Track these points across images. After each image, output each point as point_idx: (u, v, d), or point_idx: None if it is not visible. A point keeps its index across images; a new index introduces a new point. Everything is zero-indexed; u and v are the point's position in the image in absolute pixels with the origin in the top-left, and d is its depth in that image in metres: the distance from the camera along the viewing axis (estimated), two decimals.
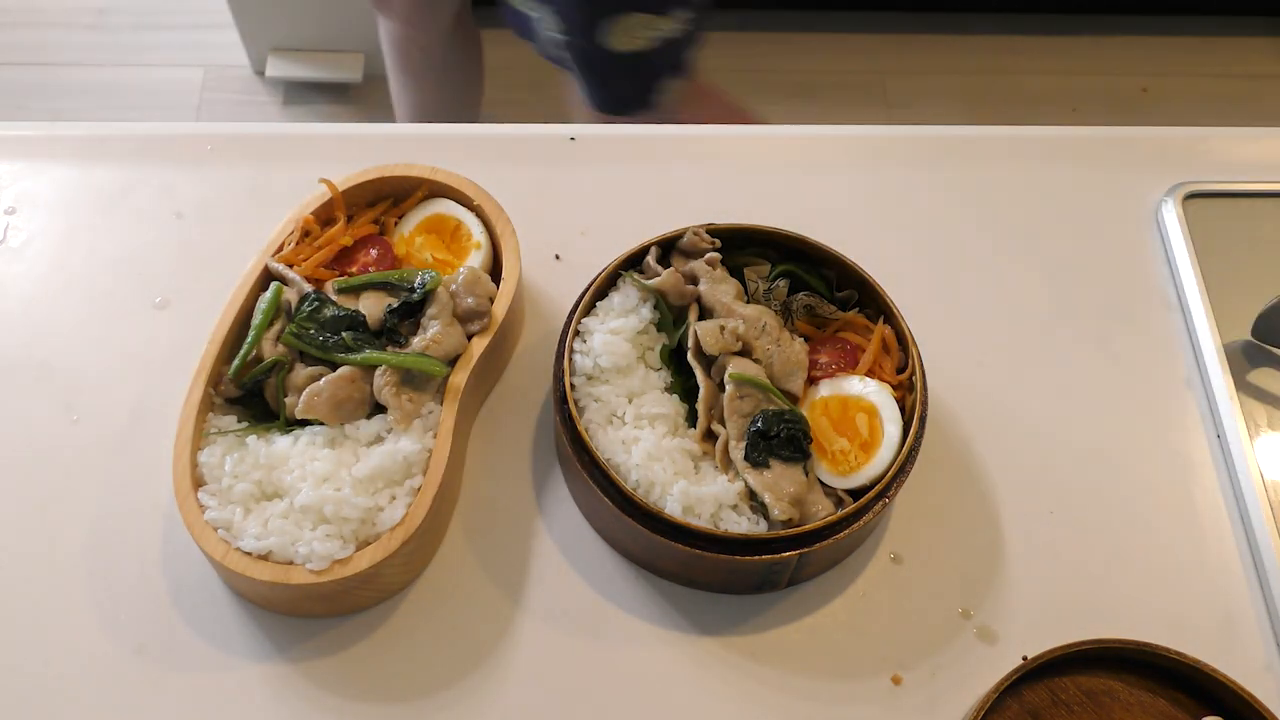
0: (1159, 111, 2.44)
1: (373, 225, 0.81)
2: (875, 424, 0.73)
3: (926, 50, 2.54)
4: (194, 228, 0.88)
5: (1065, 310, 0.88)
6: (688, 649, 0.73)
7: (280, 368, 0.73)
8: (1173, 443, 0.82)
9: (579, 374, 0.75)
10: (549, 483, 0.78)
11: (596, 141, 0.94)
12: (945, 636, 0.74)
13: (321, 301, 0.74)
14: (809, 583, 0.75)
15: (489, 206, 0.80)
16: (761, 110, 1.53)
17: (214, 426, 0.72)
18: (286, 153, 0.92)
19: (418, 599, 0.74)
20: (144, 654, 0.71)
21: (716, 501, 0.71)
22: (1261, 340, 0.85)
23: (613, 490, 0.70)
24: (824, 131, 0.99)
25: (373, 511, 0.69)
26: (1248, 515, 0.78)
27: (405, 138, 0.95)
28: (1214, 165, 0.97)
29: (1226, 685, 0.67)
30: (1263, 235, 0.92)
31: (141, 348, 0.82)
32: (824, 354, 0.77)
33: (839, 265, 0.79)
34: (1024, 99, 2.48)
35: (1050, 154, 0.97)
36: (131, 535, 0.74)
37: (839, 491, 0.73)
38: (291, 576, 0.67)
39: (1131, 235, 0.92)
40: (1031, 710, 0.69)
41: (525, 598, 0.74)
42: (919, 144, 0.98)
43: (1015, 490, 0.80)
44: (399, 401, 0.72)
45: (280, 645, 0.72)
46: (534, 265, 0.86)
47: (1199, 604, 0.76)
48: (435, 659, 0.72)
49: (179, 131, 0.93)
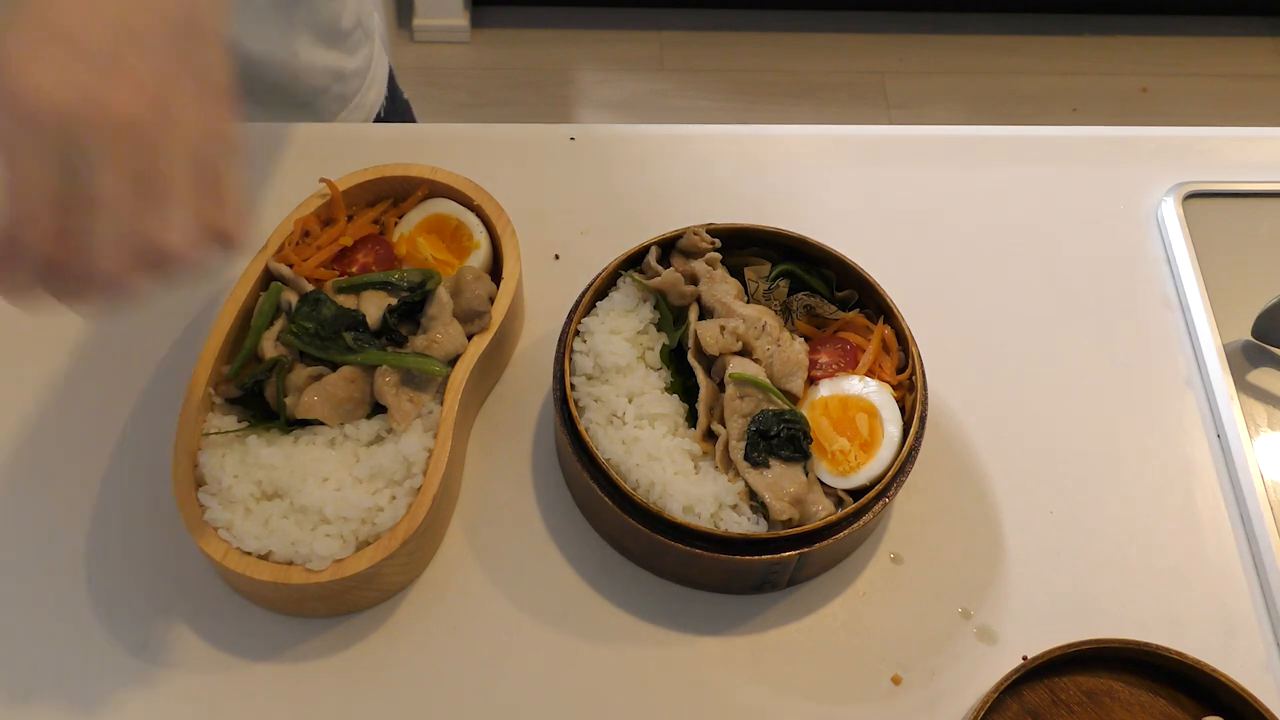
0: (1159, 111, 2.44)
1: (373, 225, 0.81)
2: (875, 424, 0.73)
3: (926, 50, 2.54)
4: None
5: (1065, 310, 0.88)
6: (688, 649, 0.73)
7: (280, 368, 0.73)
8: (1173, 443, 0.82)
9: (579, 374, 0.75)
10: (549, 483, 0.78)
11: (596, 141, 0.94)
12: (945, 636, 0.74)
13: (321, 301, 0.74)
14: (809, 583, 0.75)
15: (489, 206, 0.80)
16: (761, 110, 1.53)
17: (214, 426, 0.72)
18: (286, 153, 0.92)
19: (418, 599, 0.74)
20: (144, 654, 0.71)
21: (716, 501, 0.71)
22: (1261, 340, 0.85)
23: (613, 490, 0.70)
24: (824, 131, 0.99)
25: (373, 511, 0.69)
26: (1248, 515, 0.79)
27: (405, 138, 0.95)
28: (1214, 165, 0.97)
29: (1226, 685, 0.67)
30: (1263, 235, 0.92)
31: (141, 348, 0.82)
32: (824, 354, 0.77)
33: (839, 265, 0.79)
34: (1024, 99, 2.48)
35: (1050, 154, 0.97)
36: (131, 535, 0.74)
37: (839, 491, 0.73)
38: (291, 576, 0.67)
39: (1131, 235, 0.93)
40: (1031, 710, 0.69)
41: (525, 598, 0.74)
42: (919, 144, 0.98)
43: (1015, 490, 0.80)
44: (399, 401, 0.72)
45: (280, 645, 0.72)
46: (534, 265, 0.86)
47: (1199, 604, 0.76)
48: (435, 659, 0.72)
49: None
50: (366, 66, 1.08)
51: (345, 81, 1.05)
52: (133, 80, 0.49)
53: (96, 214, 0.49)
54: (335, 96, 1.04)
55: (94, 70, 0.48)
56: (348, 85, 1.06)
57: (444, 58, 2.44)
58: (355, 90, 1.07)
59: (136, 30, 0.50)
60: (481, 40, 2.48)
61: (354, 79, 1.06)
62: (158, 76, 0.50)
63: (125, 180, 0.49)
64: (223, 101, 0.54)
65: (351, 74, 1.05)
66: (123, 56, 0.49)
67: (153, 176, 0.50)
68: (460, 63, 2.45)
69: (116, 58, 0.49)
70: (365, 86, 1.08)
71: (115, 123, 0.48)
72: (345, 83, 1.05)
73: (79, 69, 0.48)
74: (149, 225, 0.50)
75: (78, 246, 0.49)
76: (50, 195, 0.48)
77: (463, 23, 2.46)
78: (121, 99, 0.48)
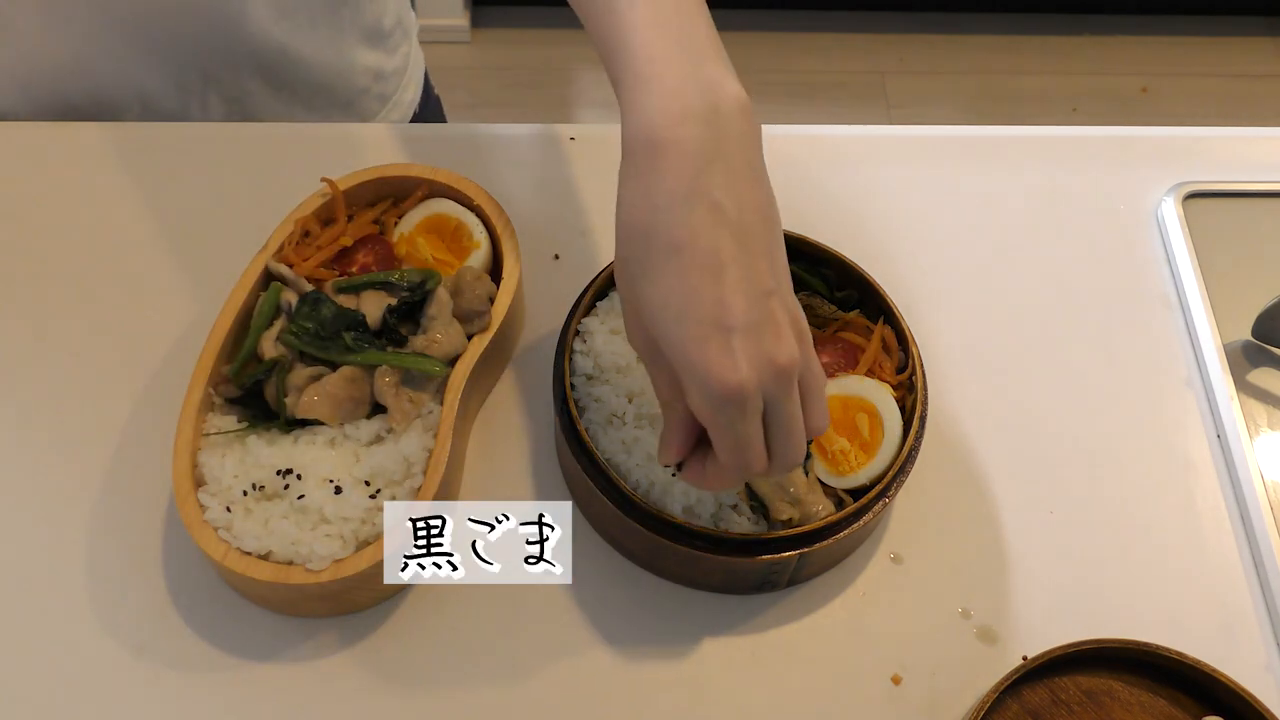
0: (1159, 111, 2.44)
1: (373, 225, 0.81)
2: (875, 424, 0.73)
3: (926, 50, 2.54)
4: (193, 227, 0.87)
5: (1065, 310, 0.88)
6: (688, 649, 0.73)
7: (280, 368, 0.72)
8: (1173, 443, 0.82)
9: (579, 374, 0.75)
10: (549, 483, 0.78)
11: (596, 141, 0.94)
12: (945, 636, 0.74)
13: (321, 301, 0.74)
14: (809, 583, 0.75)
15: (489, 206, 0.80)
16: (761, 110, 1.53)
17: (214, 426, 0.72)
18: (286, 153, 0.92)
19: (418, 599, 0.74)
20: (144, 654, 0.71)
21: (716, 501, 0.71)
22: (1261, 340, 0.85)
23: (613, 490, 0.70)
24: (824, 131, 0.99)
25: (373, 512, 0.69)
26: (1248, 515, 0.79)
27: (405, 138, 0.95)
28: (1214, 165, 0.97)
29: (1226, 685, 0.67)
30: (1263, 235, 0.92)
31: (141, 348, 0.82)
32: (824, 354, 0.77)
33: (839, 265, 0.79)
34: (1024, 99, 2.48)
35: (1050, 154, 0.97)
36: (131, 535, 0.74)
37: (839, 491, 0.73)
38: (291, 576, 0.67)
39: (1131, 235, 0.92)
40: (1031, 710, 0.69)
41: (525, 597, 0.74)
42: (919, 144, 0.98)
43: (1015, 490, 0.80)
44: (399, 402, 0.72)
45: (280, 645, 0.72)
46: (534, 265, 0.86)
47: (1199, 604, 0.76)
48: (435, 659, 0.72)
49: (179, 131, 0.93)
50: (405, 65, 1.09)
51: (385, 81, 1.06)
52: (777, 326, 0.57)
53: (780, 430, 0.60)
54: (376, 96, 1.06)
55: (751, 338, 0.56)
56: (388, 85, 1.07)
57: (444, 58, 2.44)
58: (394, 89, 1.08)
59: (758, 262, 0.57)
60: (481, 40, 2.48)
61: (394, 78, 1.07)
62: (785, 303, 0.58)
63: (796, 402, 0.59)
64: (787, 268, 0.61)
65: (391, 73, 1.07)
66: (768, 309, 0.57)
67: (809, 379, 0.60)
68: (460, 63, 2.45)
69: (761, 315, 0.56)
70: (404, 85, 1.09)
71: (781, 372, 0.57)
72: (385, 82, 1.06)
73: (749, 346, 0.56)
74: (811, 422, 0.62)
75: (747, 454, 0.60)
76: (754, 450, 0.59)
77: (463, 23, 2.46)
78: (779, 353, 0.57)
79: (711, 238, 0.56)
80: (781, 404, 0.58)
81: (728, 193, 0.57)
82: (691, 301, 0.56)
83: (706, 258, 0.56)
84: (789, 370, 0.57)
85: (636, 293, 0.59)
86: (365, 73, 1.03)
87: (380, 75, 1.05)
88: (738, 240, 0.56)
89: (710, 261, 0.56)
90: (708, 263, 0.56)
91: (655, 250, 0.57)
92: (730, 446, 0.59)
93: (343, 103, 1.03)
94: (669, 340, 0.57)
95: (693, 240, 0.56)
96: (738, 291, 0.56)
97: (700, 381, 0.56)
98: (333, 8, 0.97)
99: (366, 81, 1.04)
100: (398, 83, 1.08)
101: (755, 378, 0.56)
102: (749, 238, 0.57)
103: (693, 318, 0.56)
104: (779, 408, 0.59)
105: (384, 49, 1.05)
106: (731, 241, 0.56)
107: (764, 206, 0.59)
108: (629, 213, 0.59)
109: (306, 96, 1.00)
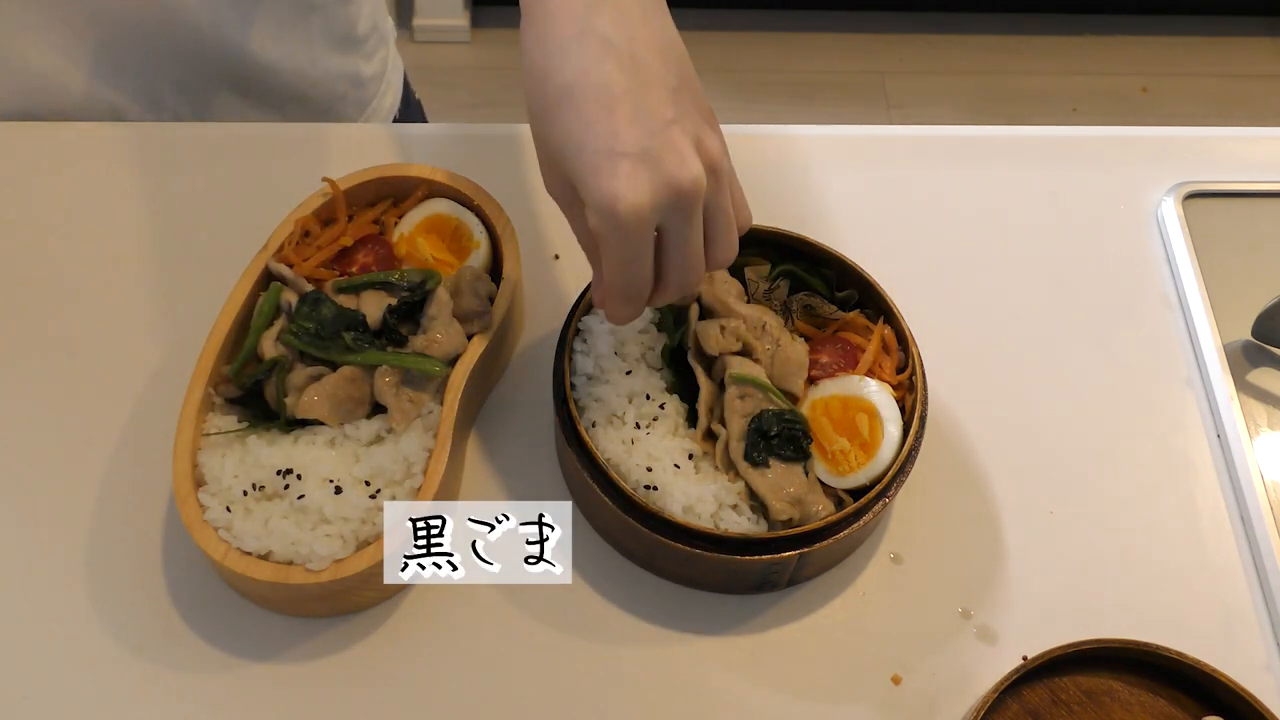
0: (1159, 111, 2.44)
1: (373, 225, 0.81)
2: (875, 424, 0.73)
3: (926, 50, 2.54)
4: (193, 227, 0.87)
5: (1065, 310, 0.88)
6: (688, 649, 0.73)
7: (280, 368, 0.72)
8: (1173, 443, 0.82)
9: (579, 374, 0.75)
10: (549, 483, 0.78)
11: None
12: (945, 636, 0.74)
13: (321, 301, 0.74)
14: (809, 583, 0.75)
15: (489, 206, 0.80)
16: (761, 110, 1.53)
17: (214, 426, 0.72)
18: (286, 153, 0.92)
19: (418, 599, 0.74)
20: (144, 654, 0.71)
21: (716, 501, 0.71)
22: (1261, 340, 0.85)
23: (613, 490, 0.70)
24: (824, 131, 0.99)
25: (373, 512, 0.69)
26: (1248, 515, 0.79)
27: (405, 138, 0.95)
28: (1214, 165, 0.97)
29: (1226, 685, 0.67)
30: (1263, 235, 0.92)
31: (141, 348, 0.82)
32: (824, 354, 0.77)
33: (839, 265, 0.79)
34: (1024, 99, 2.48)
35: (1050, 154, 0.97)
36: (131, 535, 0.74)
37: (839, 491, 0.73)
38: (291, 576, 0.67)
39: (1131, 235, 0.92)
40: (1031, 710, 0.69)
41: (525, 597, 0.74)
42: (919, 144, 0.98)
43: (1015, 490, 0.80)
44: (399, 402, 0.72)
45: (280, 645, 0.72)
46: (534, 265, 0.86)
47: (1199, 604, 0.76)
48: (435, 659, 0.72)
49: (180, 130, 0.93)
50: (383, 71, 1.08)
51: (363, 87, 1.05)
52: (677, 152, 0.58)
53: (676, 255, 0.61)
54: (353, 102, 1.05)
55: (648, 164, 0.57)
56: (365, 90, 1.06)
57: (444, 58, 2.45)
58: (373, 95, 1.07)
59: (655, 93, 0.59)
60: (481, 40, 2.48)
61: (371, 84, 1.07)
62: (687, 131, 0.59)
63: (697, 229, 0.61)
64: (710, 111, 0.62)
65: (369, 79, 1.06)
66: (666, 136, 0.58)
67: (716, 213, 0.62)
68: (460, 63, 2.45)
69: (659, 141, 0.58)
70: (382, 91, 1.08)
71: (679, 195, 0.58)
72: (363, 88, 1.05)
73: (643, 171, 0.57)
74: (713, 253, 0.64)
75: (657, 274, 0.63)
76: (634, 272, 0.61)
77: (463, 23, 2.46)
78: (678, 176, 0.58)
79: (601, 73, 0.58)
80: (678, 229, 0.60)
81: (617, 29, 0.59)
82: (588, 133, 0.58)
83: (598, 91, 0.58)
84: (689, 195, 0.58)
85: (544, 137, 0.61)
86: (341, 79, 1.02)
87: (357, 81, 1.04)
88: (630, 74, 0.58)
89: (602, 95, 0.58)
90: (600, 95, 0.58)
91: (552, 91, 0.59)
92: (614, 265, 0.61)
93: (319, 110, 1.02)
94: (573, 174, 0.59)
95: (584, 77, 0.58)
96: (631, 121, 0.58)
97: (592, 204, 0.58)
98: (301, 14, 0.95)
99: (343, 88, 1.03)
100: (376, 89, 1.07)
101: (649, 199, 0.57)
102: (642, 71, 0.59)
103: (589, 148, 0.58)
104: (675, 233, 0.60)
105: (359, 54, 1.03)
106: (622, 75, 0.58)
107: (660, 43, 0.61)
108: (528, 60, 0.61)
109: (280, 104, 0.99)
